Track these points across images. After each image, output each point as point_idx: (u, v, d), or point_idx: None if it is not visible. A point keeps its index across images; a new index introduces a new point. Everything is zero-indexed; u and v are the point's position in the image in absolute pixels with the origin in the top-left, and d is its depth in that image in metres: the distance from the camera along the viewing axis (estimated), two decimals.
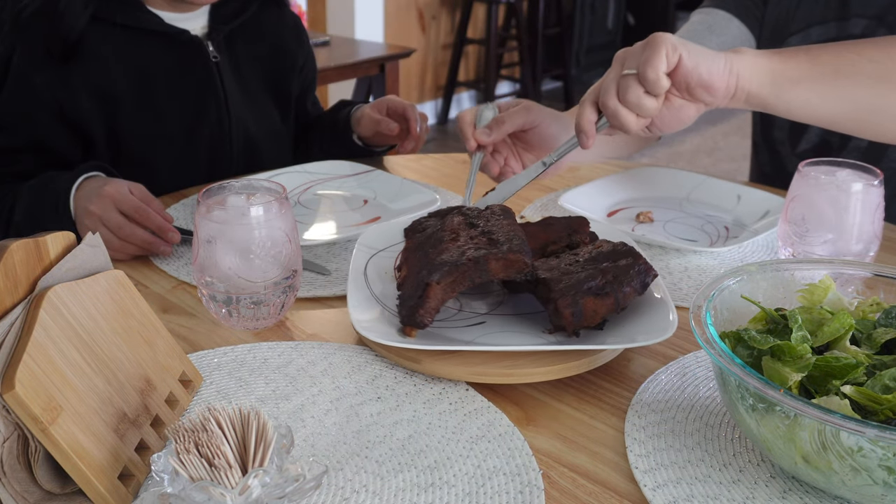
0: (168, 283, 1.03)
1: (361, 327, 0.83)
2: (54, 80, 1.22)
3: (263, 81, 1.43)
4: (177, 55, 1.30)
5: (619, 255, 0.88)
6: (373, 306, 0.88)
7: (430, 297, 0.81)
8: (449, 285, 0.82)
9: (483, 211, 0.95)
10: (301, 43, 1.50)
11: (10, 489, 0.60)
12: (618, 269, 0.85)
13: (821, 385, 0.66)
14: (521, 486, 0.68)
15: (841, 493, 0.64)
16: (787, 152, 1.41)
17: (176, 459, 0.57)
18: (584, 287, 0.82)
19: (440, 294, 0.82)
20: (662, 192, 1.30)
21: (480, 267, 0.82)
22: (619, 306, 0.83)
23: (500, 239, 0.86)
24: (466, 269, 0.82)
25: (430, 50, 5.10)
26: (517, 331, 0.86)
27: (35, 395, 0.59)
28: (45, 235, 0.68)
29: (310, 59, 1.54)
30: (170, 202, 1.28)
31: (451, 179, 1.41)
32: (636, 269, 0.85)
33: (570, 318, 0.81)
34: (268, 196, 0.88)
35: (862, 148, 1.33)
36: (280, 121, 1.47)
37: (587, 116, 0.92)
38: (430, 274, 0.83)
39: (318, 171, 1.36)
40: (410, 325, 0.82)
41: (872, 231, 0.98)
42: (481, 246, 0.85)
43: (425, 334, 0.84)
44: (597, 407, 0.79)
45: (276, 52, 1.44)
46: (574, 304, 0.81)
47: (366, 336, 0.82)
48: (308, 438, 0.73)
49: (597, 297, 0.82)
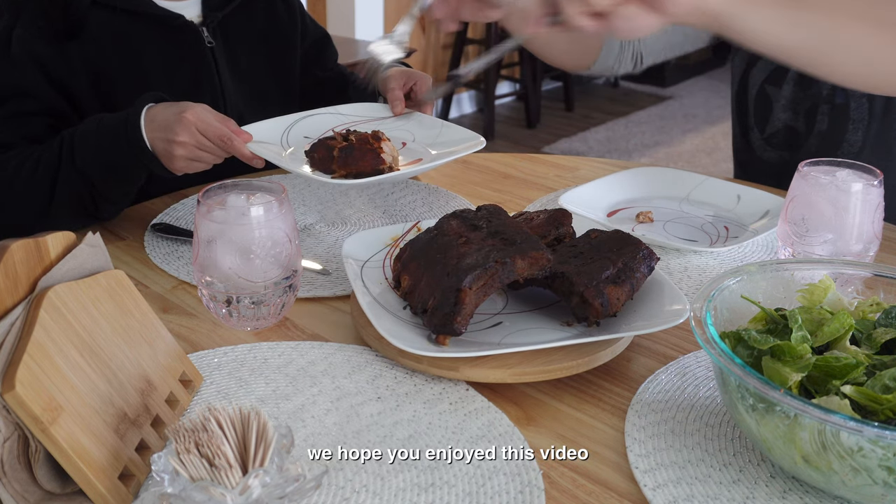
0: (168, 283, 1.03)
1: (396, 340, 0.80)
2: (55, 56, 1.22)
3: (261, 65, 1.42)
4: (172, 40, 1.30)
5: (620, 243, 0.89)
6: (387, 316, 0.86)
7: (465, 302, 0.80)
8: (481, 289, 0.82)
9: (477, 212, 0.95)
10: (294, 20, 1.47)
11: (11, 489, 0.60)
12: (626, 256, 0.87)
13: (821, 385, 0.66)
14: (521, 486, 0.68)
15: (841, 493, 0.64)
16: (756, 137, 1.43)
17: (176, 459, 0.58)
18: (603, 276, 0.84)
19: (474, 299, 0.81)
20: (662, 192, 1.30)
21: (508, 267, 0.82)
22: (634, 292, 0.85)
23: (515, 238, 0.86)
24: (495, 270, 0.82)
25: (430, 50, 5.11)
26: (537, 327, 0.87)
27: (35, 395, 0.59)
28: (45, 235, 0.68)
29: (310, 29, 1.51)
30: (170, 202, 1.28)
31: (451, 179, 1.41)
32: (642, 254, 0.87)
33: (600, 308, 0.82)
34: (268, 196, 0.88)
35: (822, 132, 1.34)
36: (280, 104, 1.45)
37: None
38: (459, 280, 0.81)
39: (353, 112, 1.30)
40: (446, 334, 0.81)
41: (872, 231, 0.98)
42: (499, 246, 0.85)
43: (456, 341, 0.83)
44: (597, 407, 0.79)
45: (271, 36, 1.43)
46: (600, 293, 0.82)
47: (405, 349, 0.79)
48: (308, 438, 0.73)
49: (616, 285, 0.84)
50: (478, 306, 0.82)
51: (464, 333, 0.81)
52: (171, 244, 1.12)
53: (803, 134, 1.35)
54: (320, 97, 1.48)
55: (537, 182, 1.40)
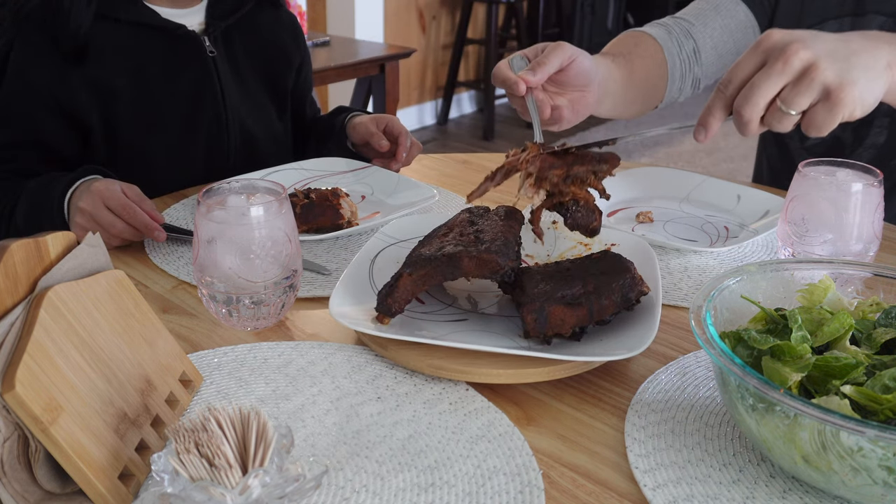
0: (168, 283, 1.03)
1: (335, 311, 0.85)
2: (52, 76, 1.22)
3: (260, 78, 1.44)
4: (173, 49, 1.31)
5: (608, 267, 0.87)
6: (364, 293, 0.91)
7: (400, 287, 0.84)
8: (420, 278, 0.84)
9: (487, 211, 0.95)
10: (298, 43, 1.51)
11: (11, 489, 0.60)
12: (600, 281, 0.84)
13: (821, 385, 0.66)
14: (521, 486, 0.68)
15: (841, 493, 0.64)
16: (796, 146, 1.42)
17: (176, 459, 0.58)
18: (557, 295, 0.82)
19: (410, 286, 0.84)
20: (662, 192, 1.30)
21: (453, 263, 0.84)
22: (594, 318, 0.83)
23: (485, 238, 0.86)
24: (439, 264, 0.84)
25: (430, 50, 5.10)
26: (493, 332, 0.87)
27: (35, 395, 0.59)
28: (46, 235, 0.68)
29: (307, 61, 1.55)
30: (170, 202, 1.28)
31: (451, 179, 1.41)
32: (620, 283, 0.84)
33: (533, 325, 0.82)
34: (268, 196, 0.88)
35: (878, 144, 1.33)
36: (277, 117, 1.47)
37: (716, 116, 0.86)
38: (405, 265, 0.85)
39: (315, 167, 1.36)
40: (380, 312, 0.85)
41: (872, 231, 0.98)
42: (462, 243, 0.86)
43: (404, 324, 0.87)
44: (597, 407, 0.79)
45: (272, 50, 1.45)
46: (539, 310, 0.81)
47: (340, 321, 0.84)
48: (308, 438, 0.73)
49: (568, 307, 0.82)
50: (416, 293, 0.85)
51: (418, 317, 0.86)
52: (171, 244, 1.12)
53: (849, 146, 1.35)
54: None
55: None
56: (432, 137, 4.97)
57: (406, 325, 0.87)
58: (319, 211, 1.13)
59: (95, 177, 1.15)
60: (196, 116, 1.34)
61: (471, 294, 0.95)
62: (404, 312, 0.88)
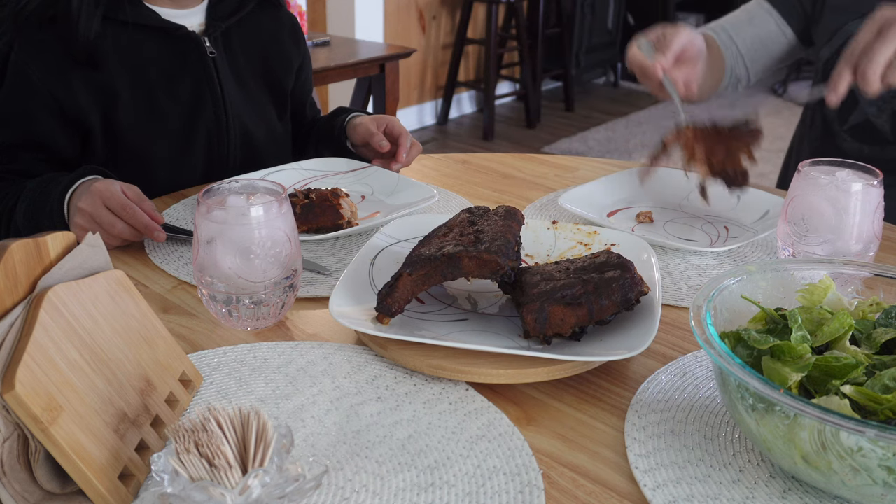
0: (168, 283, 1.03)
1: (335, 311, 0.85)
2: (52, 76, 1.22)
3: (260, 78, 1.44)
4: (174, 50, 1.31)
5: (609, 267, 0.86)
6: (364, 293, 0.91)
7: (400, 286, 0.84)
8: (420, 278, 0.84)
9: (487, 210, 0.96)
10: (298, 44, 1.51)
11: (10, 489, 0.60)
12: (601, 281, 0.84)
13: (821, 385, 0.66)
14: (521, 486, 0.68)
15: (841, 493, 0.64)
16: (838, 128, 1.46)
17: (176, 459, 0.58)
18: (557, 295, 0.82)
19: (410, 286, 0.84)
20: (662, 192, 1.30)
21: (453, 263, 0.84)
22: (594, 318, 0.82)
23: (485, 238, 0.86)
24: (439, 264, 0.84)
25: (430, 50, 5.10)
26: (493, 332, 0.87)
27: (35, 395, 0.59)
28: (46, 235, 0.68)
29: (307, 61, 1.55)
30: (170, 202, 1.28)
31: (451, 179, 1.41)
32: (620, 283, 0.83)
33: (534, 325, 0.82)
34: (268, 196, 0.88)
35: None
36: (277, 118, 1.47)
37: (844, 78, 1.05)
38: (405, 265, 0.85)
39: (315, 167, 1.36)
40: (380, 312, 0.85)
41: (872, 231, 0.98)
42: (462, 243, 0.86)
43: (404, 324, 0.87)
44: (597, 407, 0.79)
45: (272, 51, 1.45)
46: (540, 310, 0.82)
47: (340, 321, 0.84)
48: (308, 438, 0.73)
49: (567, 307, 0.82)
50: (416, 293, 0.85)
51: (418, 317, 0.87)
52: (171, 244, 1.12)
53: (887, 133, 1.39)
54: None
55: (537, 182, 1.40)
56: (432, 137, 4.97)
57: (406, 325, 0.87)
58: (319, 211, 1.14)
59: (95, 177, 1.15)
60: (196, 117, 1.34)
61: (471, 294, 0.95)
62: (404, 312, 0.88)
